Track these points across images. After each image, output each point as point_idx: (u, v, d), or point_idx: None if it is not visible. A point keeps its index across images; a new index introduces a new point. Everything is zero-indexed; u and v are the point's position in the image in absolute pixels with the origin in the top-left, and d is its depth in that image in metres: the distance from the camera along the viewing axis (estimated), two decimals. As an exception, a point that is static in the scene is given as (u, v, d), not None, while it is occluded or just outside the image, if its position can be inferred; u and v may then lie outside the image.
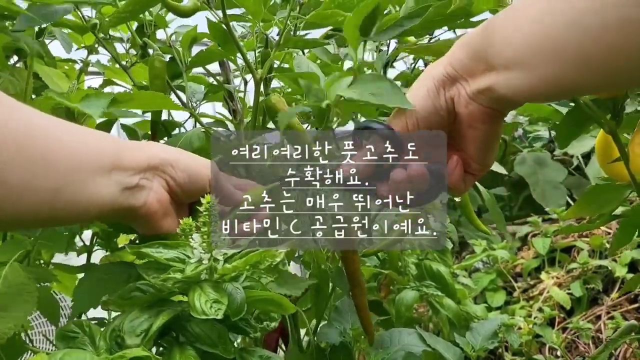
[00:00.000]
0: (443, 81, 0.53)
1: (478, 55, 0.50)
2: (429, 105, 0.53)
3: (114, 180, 0.53)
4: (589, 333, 1.42)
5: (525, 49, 0.46)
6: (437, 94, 0.53)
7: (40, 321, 1.47)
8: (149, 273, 0.52)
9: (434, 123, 0.54)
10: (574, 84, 0.46)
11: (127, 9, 0.77)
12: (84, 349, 0.51)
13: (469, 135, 0.54)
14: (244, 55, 0.78)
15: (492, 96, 0.50)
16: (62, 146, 0.50)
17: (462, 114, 0.53)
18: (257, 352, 0.55)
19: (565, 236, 1.86)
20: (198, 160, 0.61)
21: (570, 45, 0.42)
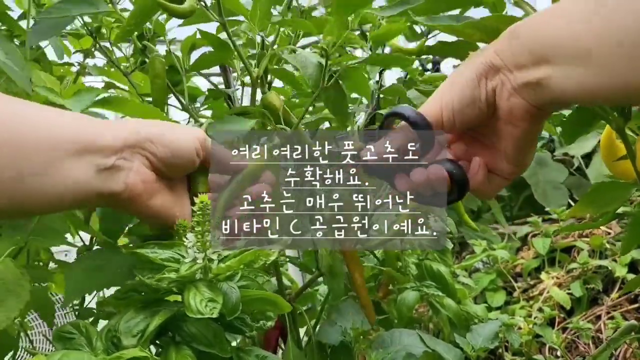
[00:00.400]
0: (485, 70, 0.49)
1: (529, 45, 0.46)
2: (466, 96, 0.50)
3: (87, 162, 0.49)
4: (589, 333, 1.42)
5: (596, 41, 0.41)
6: (477, 84, 0.50)
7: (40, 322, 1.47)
8: (144, 273, 0.52)
9: (472, 116, 0.51)
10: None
11: (131, 22, 0.78)
12: (81, 349, 0.52)
13: (506, 132, 0.50)
14: (240, 55, 0.79)
15: (541, 91, 0.46)
16: (27, 130, 0.46)
17: (502, 108, 0.49)
18: (254, 351, 0.55)
19: (565, 236, 1.86)
20: (182, 133, 0.57)
21: None
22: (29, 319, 1.37)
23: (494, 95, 0.49)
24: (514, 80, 0.48)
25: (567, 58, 0.43)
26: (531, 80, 0.46)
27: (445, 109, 0.51)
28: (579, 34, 0.43)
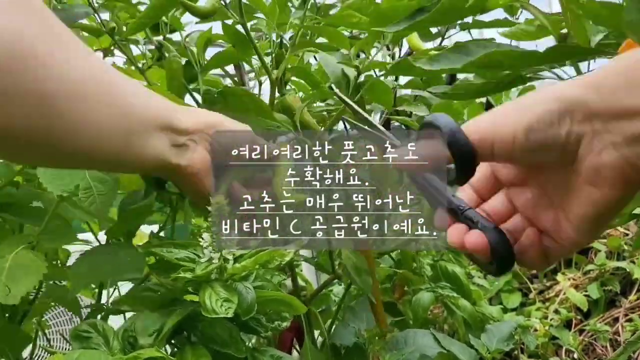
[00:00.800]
0: (573, 110, 0.37)
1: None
2: (538, 132, 0.37)
3: (166, 137, 0.57)
4: (606, 335, 1.40)
5: None
6: (557, 123, 0.37)
7: (58, 320, 1.49)
8: (160, 272, 0.52)
9: (534, 158, 0.39)
10: None
11: (148, 14, 0.79)
12: (97, 349, 0.52)
13: (586, 195, 0.39)
14: (260, 56, 0.79)
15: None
16: (137, 99, 0.55)
17: (588, 164, 0.37)
18: (268, 351, 0.55)
19: (582, 237, 1.84)
20: (237, 125, 0.65)
21: None
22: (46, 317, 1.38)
23: (578, 144, 0.37)
24: (614, 131, 0.36)
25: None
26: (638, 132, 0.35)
27: (501, 139, 0.39)
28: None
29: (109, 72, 0.53)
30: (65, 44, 0.48)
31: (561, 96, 0.38)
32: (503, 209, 0.45)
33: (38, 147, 0.49)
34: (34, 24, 0.46)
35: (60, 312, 1.48)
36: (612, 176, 0.37)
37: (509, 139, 0.38)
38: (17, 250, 0.65)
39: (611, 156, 0.36)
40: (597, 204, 0.38)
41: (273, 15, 0.78)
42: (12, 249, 0.65)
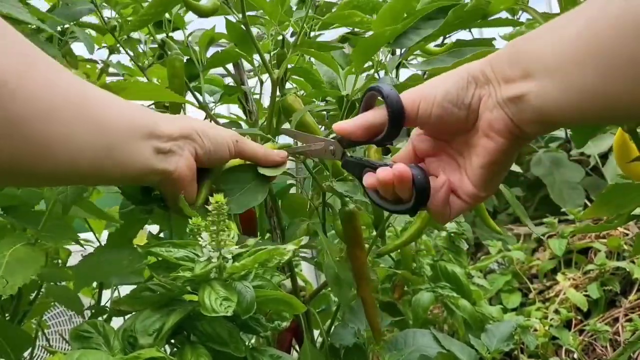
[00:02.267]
0: (477, 77, 0.49)
1: (519, 60, 0.46)
2: (452, 94, 0.50)
3: (151, 144, 0.57)
4: (606, 335, 1.40)
5: (567, 54, 0.41)
6: (465, 87, 0.50)
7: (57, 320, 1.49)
8: (159, 272, 0.52)
9: (449, 114, 0.51)
10: (622, 101, 0.40)
11: (149, 11, 0.78)
12: (98, 349, 0.52)
13: (482, 146, 0.50)
14: (261, 55, 0.78)
15: (522, 107, 0.46)
16: (112, 110, 0.55)
17: (484, 119, 0.49)
18: (268, 351, 0.55)
19: (581, 237, 1.84)
20: (220, 131, 0.65)
21: (617, 52, 0.38)
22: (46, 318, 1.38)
23: (479, 103, 0.50)
24: (500, 93, 0.48)
25: (544, 71, 0.44)
26: (515, 94, 0.46)
27: (425, 99, 0.51)
28: (556, 47, 0.43)
29: (84, 90, 0.53)
30: (33, 65, 0.48)
31: (469, 69, 0.50)
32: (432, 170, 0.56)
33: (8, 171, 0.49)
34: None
35: (60, 312, 1.48)
36: (500, 128, 0.48)
37: (431, 99, 0.51)
38: (16, 246, 0.66)
39: (499, 112, 0.48)
40: (490, 152, 0.50)
41: (275, 14, 0.78)
42: (10, 246, 0.66)
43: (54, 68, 0.51)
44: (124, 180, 0.63)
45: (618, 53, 0.38)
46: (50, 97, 0.49)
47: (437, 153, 0.56)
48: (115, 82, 0.70)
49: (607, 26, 0.39)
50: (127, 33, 0.86)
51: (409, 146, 0.58)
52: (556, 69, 0.43)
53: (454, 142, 0.54)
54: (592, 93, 0.41)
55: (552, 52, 0.43)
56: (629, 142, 0.80)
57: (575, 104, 0.42)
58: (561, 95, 0.43)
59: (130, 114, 0.57)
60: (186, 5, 0.79)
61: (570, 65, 0.41)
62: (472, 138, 0.51)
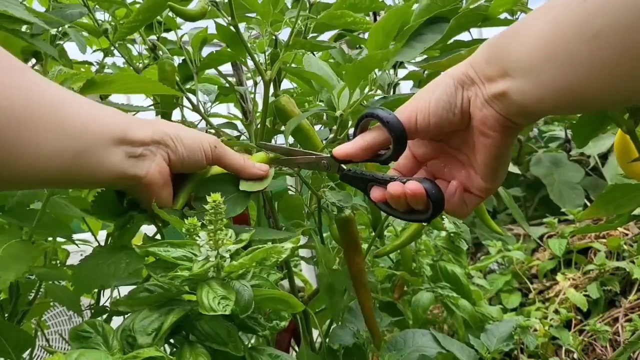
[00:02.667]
0: (462, 81, 0.52)
1: (497, 59, 0.48)
2: (444, 101, 0.52)
3: (122, 149, 0.57)
4: (606, 335, 1.40)
5: (538, 54, 0.44)
6: (454, 92, 0.52)
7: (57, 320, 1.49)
8: (157, 272, 0.52)
9: (445, 121, 0.53)
10: (588, 94, 0.43)
11: (138, 17, 0.78)
12: (97, 348, 0.52)
13: (479, 143, 0.52)
14: (252, 57, 0.78)
15: (506, 103, 0.48)
16: (83, 115, 0.54)
17: (476, 118, 0.51)
18: (266, 350, 0.55)
19: (581, 237, 1.84)
20: (197, 135, 0.64)
21: (581, 51, 0.41)
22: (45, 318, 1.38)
23: (469, 104, 0.52)
24: (485, 92, 0.50)
25: (519, 71, 0.46)
26: (498, 92, 0.48)
27: (421, 112, 0.53)
28: (526, 48, 0.45)
29: (54, 94, 0.53)
30: (4, 70, 0.48)
31: (453, 74, 0.52)
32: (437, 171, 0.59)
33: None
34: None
35: (59, 312, 1.48)
36: (492, 124, 0.50)
37: (426, 111, 0.53)
38: (9, 242, 0.66)
39: (488, 109, 0.50)
40: (490, 148, 0.51)
41: (267, 15, 0.77)
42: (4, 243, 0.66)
43: (24, 72, 0.51)
44: (94, 185, 0.63)
45: (578, 52, 0.41)
46: (20, 102, 0.48)
47: (436, 155, 0.58)
48: (102, 75, 0.68)
49: (567, 27, 0.41)
50: (118, 39, 0.85)
51: (408, 153, 0.60)
52: (530, 68, 0.45)
53: (451, 141, 0.56)
54: (563, 88, 0.44)
55: (524, 52, 0.45)
56: (629, 142, 0.80)
57: (549, 98, 0.45)
58: (537, 91, 0.45)
59: (102, 119, 0.56)
60: (172, 11, 0.78)
61: (541, 64, 0.44)
62: (469, 136, 0.53)
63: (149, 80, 0.73)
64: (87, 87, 0.67)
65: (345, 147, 0.58)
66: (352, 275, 0.78)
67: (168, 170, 0.62)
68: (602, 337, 1.41)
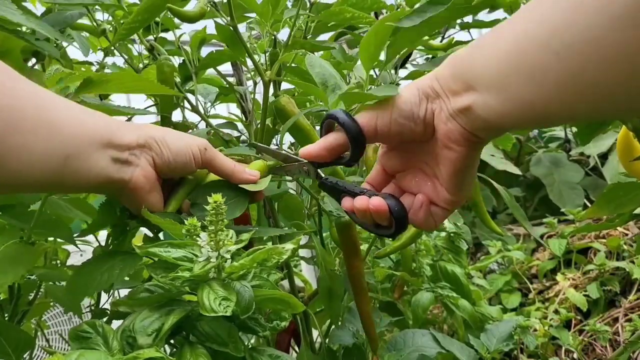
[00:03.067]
0: (427, 93, 0.52)
1: (461, 74, 0.48)
2: (407, 110, 0.52)
3: (108, 154, 0.57)
4: (606, 335, 1.40)
5: (500, 69, 0.44)
6: (418, 103, 0.52)
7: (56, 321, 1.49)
8: (158, 272, 0.52)
9: (407, 129, 0.53)
10: (549, 109, 0.43)
11: (137, 18, 0.77)
12: (97, 349, 0.52)
13: (444, 157, 0.52)
14: (251, 57, 0.78)
15: (471, 117, 0.48)
16: (71, 120, 0.54)
17: (441, 131, 0.51)
18: (267, 351, 0.55)
19: (581, 237, 1.84)
20: (185, 139, 0.64)
21: (541, 66, 0.41)
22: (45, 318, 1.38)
23: (432, 117, 0.52)
24: (449, 106, 0.50)
25: (484, 86, 0.46)
26: (462, 106, 0.48)
27: (381, 117, 0.54)
28: (491, 63, 0.45)
29: (41, 98, 0.52)
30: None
31: (419, 85, 0.52)
32: (395, 192, 0.59)
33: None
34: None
35: (59, 312, 1.48)
36: (456, 138, 0.50)
37: (387, 117, 0.53)
38: (7, 244, 0.66)
39: (452, 124, 0.50)
40: (454, 162, 0.51)
41: (266, 15, 0.77)
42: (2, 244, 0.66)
43: (10, 76, 0.51)
44: (82, 189, 0.63)
45: (542, 66, 0.41)
46: (9, 104, 0.48)
47: (405, 168, 0.58)
48: (99, 73, 0.68)
49: (531, 41, 0.41)
50: (117, 41, 0.85)
51: (378, 166, 0.61)
52: (493, 83, 0.45)
53: (419, 153, 0.56)
54: (527, 102, 0.43)
55: (488, 66, 0.45)
56: (632, 140, 0.80)
57: (514, 113, 0.45)
58: (501, 106, 0.45)
59: (88, 123, 0.56)
60: (171, 12, 0.78)
61: (504, 78, 0.44)
62: (434, 149, 0.53)
63: (146, 80, 0.73)
64: (84, 86, 0.67)
65: (309, 147, 0.58)
66: (351, 279, 0.78)
67: (154, 174, 0.61)
68: (602, 337, 1.41)
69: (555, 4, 0.39)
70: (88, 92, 0.67)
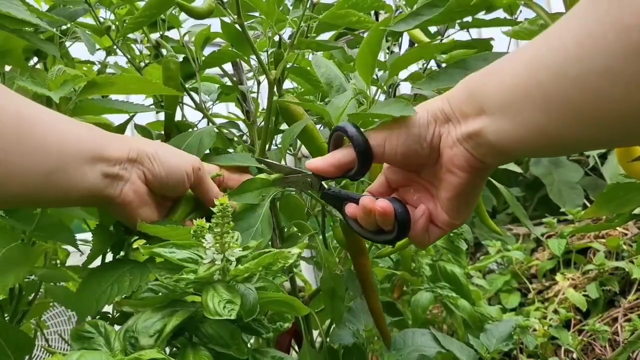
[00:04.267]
0: (436, 115, 0.51)
1: (474, 97, 0.48)
2: (414, 133, 0.52)
3: (98, 168, 0.56)
4: (605, 335, 1.40)
5: (514, 94, 0.43)
6: (426, 126, 0.52)
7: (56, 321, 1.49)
8: (162, 273, 0.52)
9: (413, 152, 0.53)
10: (563, 136, 0.42)
11: (144, 13, 0.77)
12: (98, 349, 0.52)
13: (447, 181, 0.52)
14: (257, 56, 0.77)
15: (479, 142, 0.47)
16: (55, 134, 0.53)
17: (446, 156, 0.51)
18: (269, 352, 0.55)
19: (581, 237, 1.84)
20: (179, 156, 0.63)
21: (556, 93, 0.40)
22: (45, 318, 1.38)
23: (439, 141, 0.51)
24: (459, 130, 0.49)
25: (497, 109, 0.45)
26: (472, 130, 0.48)
27: (390, 138, 0.53)
28: (505, 86, 0.44)
29: (21, 113, 0.51)
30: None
31: (428, 107, 0.52)
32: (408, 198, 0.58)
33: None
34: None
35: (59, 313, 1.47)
36: (461, 163, 0.50)
37: (395, 139, 0.53)
38: (9, 246, 0.66)
39: (458, 148, 0.49)
40: (456, 187, 0.51)
41: (271, 15, 0.77)
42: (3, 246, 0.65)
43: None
44: (68, 204, 0.63)
45: (554, 96, 0.40)
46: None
47: (409, 183, 0.58)
48: (103, 76, 0.68)
49: (543, 69, 0.40)
50: (123, 36, 0.85)
51: (382, 178, 0.60)
52: (507, 107, 0.44)
53: (423, 173, 0.56)
54: (539, 130, 0.43)
55: (502, 91, 0.44)
56: (631, 141, 0.80)
57: (526, 139, 0.44)
58: (513, 131, 0.44)
59: (75, 137, 0.55)
60: (180, 8, 0.78)
61: (518, 105, 0.43)
62: (438, 171, 0.53)
63: (150, 82, 0.73)
64: (88, 88, 0.66)
65: (317, 162, 0.58)
66: (360, 276, 0.78)
67: (145, 189, 0.61)
68: (602, 337, 1.41)
69: (571, 31, 0.38)
70: (92, 93, 0.66)
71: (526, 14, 0.78)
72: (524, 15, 0.83)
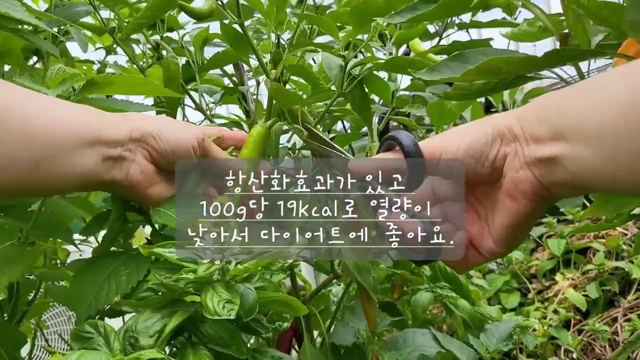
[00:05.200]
0: (503, 133, 0.47)
1: (551, 120, 0.43)
2: (476, 149, 0.47)
3: (97, 152, 0.54)
4: (605, 335, 1.40)
5: (608, 122, 0.39)
6: (490, 143, 0.47)
7: (56, 321, 1.49)
8: (161, 273, 0.52)
9: (472, 170, 0.48)
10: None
11: (146, 14, 0.77)
12: (98, 349, 0.52)
13: (505, 206, 0.47)
14: (258, 56, 0.77)
15: (553, 169, 0.43)
16: (41, 121, 0.51)
17: (509, 179, 0.46)
18: (269, 352, 0.55)
19: (580, 237, 1.84)
20: (183, 130, 0.62)
21: None
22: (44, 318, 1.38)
23: (503, 162, 0.47)
24: (529, 153, 0.45)
25: (580, 137, 0.41)
26: (545, 155, 0.44)
27: (446, 152, 0.49)
28: (593, 113, 0.40)
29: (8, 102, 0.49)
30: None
31: (495, 124, 0.47)
32: (439, 217, 0.52)
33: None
34: None
35: (59, 313, 1.47)
36: (525, 190, 0.45)
37: (453, 153, 0.49)
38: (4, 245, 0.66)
39: (525, 173, 0.45)
40: (514, 214, 0.47)
41: (271, 15, 0.77)
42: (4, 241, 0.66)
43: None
44: (68, 190, 0.61)
45: None
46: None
47: None
48: (102, 75, 0.67)
49: (629, 112, 0.37)
50: (125, 37, 0.85)
51: (428, 185, 0.53)
52: (596, 136, 0.40)
53: (475, 191, 0.51)
54: (630, 166, 0.39)
55: (589, 117, 0.40)
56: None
57: (611, 173, 0.40)
58: (599, 163, 0.40)
59: (68, 121, 0.53)
60: (182, 9, 0.78)
61: (610, 134, 0.39)
62: (495, 193, 0.49)
63: (150, 82, 0.73)
64: (87, 87, 0.66)
65: (362, 162, 0.53)
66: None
67: (152, 168, 0.59)
68: (601, 337, 1.41)
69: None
70: (91, 93, 0.66)
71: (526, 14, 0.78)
72: (524, 16, 0.83)
